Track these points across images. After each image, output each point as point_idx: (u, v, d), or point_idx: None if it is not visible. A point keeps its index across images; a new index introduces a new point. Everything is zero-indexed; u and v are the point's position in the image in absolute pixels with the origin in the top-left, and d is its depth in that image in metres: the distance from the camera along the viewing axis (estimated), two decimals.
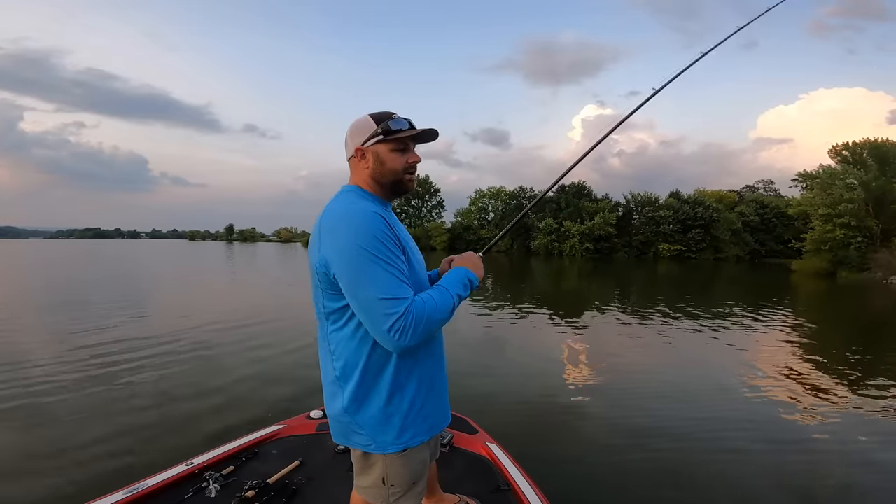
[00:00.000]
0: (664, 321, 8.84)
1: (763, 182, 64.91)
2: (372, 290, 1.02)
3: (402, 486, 1.21)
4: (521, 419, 3.76)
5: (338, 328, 1.15)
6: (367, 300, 1.03)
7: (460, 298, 1.16)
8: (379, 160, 1.18)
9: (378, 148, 1.18)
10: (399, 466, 1.20)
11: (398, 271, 1.06)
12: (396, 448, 1.17)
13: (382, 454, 1.18)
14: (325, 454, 2.15)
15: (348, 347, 1.14)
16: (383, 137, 1.16)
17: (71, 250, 48.75)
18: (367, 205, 1.12)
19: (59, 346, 5.93)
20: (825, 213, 25.62)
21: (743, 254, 47.39)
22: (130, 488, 1.72)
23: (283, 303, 10.92)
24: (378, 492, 1.22)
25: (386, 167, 1.18)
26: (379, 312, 1.02)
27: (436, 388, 1.25)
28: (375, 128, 1.16)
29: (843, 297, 16.24)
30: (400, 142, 1.18)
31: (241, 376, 4.74)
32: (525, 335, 7.58)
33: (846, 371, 5.56)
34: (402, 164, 1.19)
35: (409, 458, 1.20)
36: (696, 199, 47.58)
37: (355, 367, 1.14)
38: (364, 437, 1.17)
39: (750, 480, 2.85)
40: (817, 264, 25.64)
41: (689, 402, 4.32)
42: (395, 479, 1.20)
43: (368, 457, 1.21)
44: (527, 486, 1.87)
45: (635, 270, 27.41)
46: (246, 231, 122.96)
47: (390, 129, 1.16)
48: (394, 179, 1.20)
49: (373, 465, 1.21)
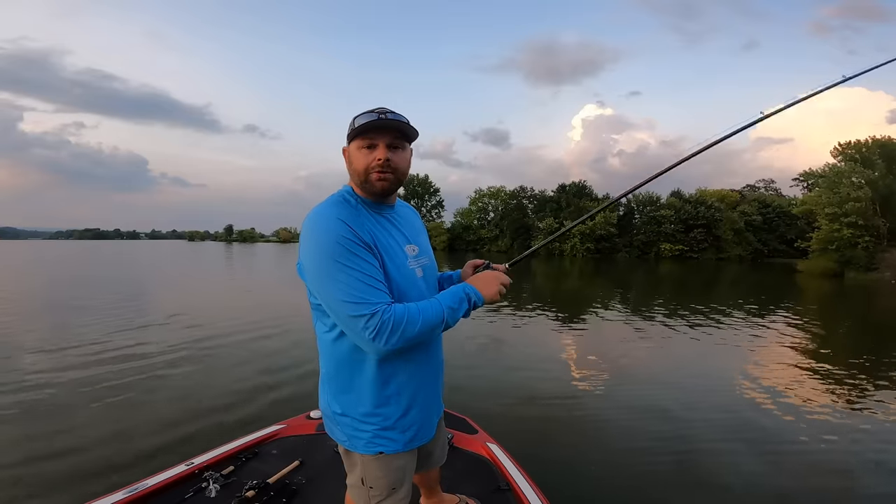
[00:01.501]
0: (666, 322, 8.69)
1: (764, 181, 64.83)
2: (335, 294, 1.03)
3: (381, 490, 1.21)
4: (521, 419, 3.72)
5: (321, 326, 1.19)
6: (331, 303, 1.06)
7: (453, 311, 1.12)
8: (349, 160, 1.16)
9: (350, 147, 1.15)
10: (375, 469, 1.20)
11: (363, 275, 1.04)
12: (370, 450, 1.17)
13: (359, 455, 1.20)
14: (325, 454, 2.14)
15: (328, 345, 1.18)
16: (353, 136, 1.13)
17: (69, 251, 48.76)
18: (336, 210, 1.10)
19: (59, 347, 5.87)
20: (832, 212, 25.24)
21: (745, 254, 47.03)
22: (130, 488, 1.71)
23: (283, 303, 10.86)
24: (359, 492, 1.23)
25: (352, 167, 1.15)
26: (344, 315, 1.03)
27: (420, 400, 1.21)
28: (351, 128, 1.13)
29: (850, 297, 15.95)
30: (366, 139, 1.12)
31: (241, 376, 4.71)
32: (525, 335, 7.50)
33: (855, 373, 5.40)
34: (365, 163, 1.12)
35: (385, 462, 1.19)
36: (698, 199, 47.23)
37: (335, 364, 1.17)
38: (341, 433, 1.20)
39: (752, 481, 2.83)
40: (824, 264, 25.26)
41: (690, 403, 4.27)
42: (372, 481, 1.20)
43: (350, 454, 1.23)
44: (527, 486, 1.86)
45: (637, 271, 27.22)
46: (245, 231, 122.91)
47: (354, 126, 1.11)
48: (361, 179, 1.14)
49: (354, 464, 1.23)
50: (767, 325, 8.61)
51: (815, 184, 28.89)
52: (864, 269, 23.76)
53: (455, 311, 1.13)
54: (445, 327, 1.12)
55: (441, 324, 1.10)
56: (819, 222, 26.73)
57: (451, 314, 1.12)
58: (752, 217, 48.28)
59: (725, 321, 8.88)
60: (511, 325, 8.14)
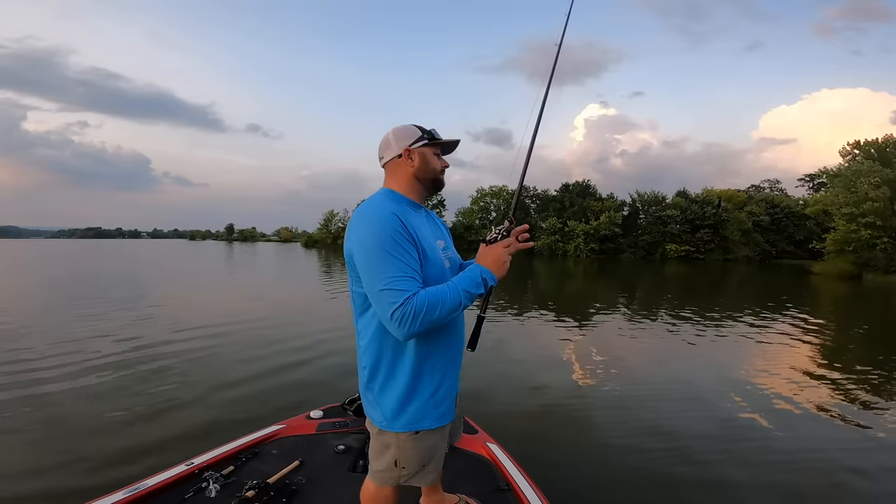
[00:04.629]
0: (672, 324, 8.45)
1: (769, 182, 63.73)
2: (377, 282, 1.16)
3: (412, 468, 1.33)
4: (521, 419, 3.69)
5: (362, 311, 1.30)
6: (373, 290, 1.17)
7: (469, 294, 1.23)
8: (424, 160, 1.35)
9: (423, 150, 1.35)
10: (410, 448, 1.31)
11: (406, 266, 1.17)
12: (408, 428, 1.28)
13: (395, 435, 1.29)
14: (325, 454, 2.14)
15: (369, 330, 1.28)
16: (427, 141, 1.35)
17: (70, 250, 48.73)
18: (389, 205, 1.25)
19: (59, 346, 5.82)
20: (849, 212, 24.18)
21: (753, 254, 45.85)
22: (130, 488, 1.71)
23: (283, 302, 10.72)
24: (389, 475, 1.33)
25: (429, 166, 1.36)
26: (383, 302, 1.15)
27: (448, 377, 1.34)
28: (420, 133, 1.35)
29: (869, 300, 15.26)
30: (437, 147, 1.39)
31: (242, 376, 4.67)
32: (526, 335, 7.41)
33: (873, 378, 5.14)
34: (440, 165, 1.39)
35: (421, 440, 1.31)
36: (705, 199, 46.12)
37: (375, 348, 1.28)
38: (380, 414, 1.30)
39: (755, 484, 2.77)
40: (840, 266, 24.21)
41: (692, 404, 4.18)
42: (406, 461, 1.32)
43: (383, 436, 1.32)
44: (527, 486, 1.86)
45: (642, 271, 26.55)
46: (246, 231, 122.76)
47: (434, 136, 1.36)
48: (433, 177, 1.38)
49: (388, 446, 1.32)
50: (781, 328, 8.23)
51: (832, 183, 27.81)
52: (883, 270, 22.83)
53: (471, 295, 1.23)
54: (463, 308, 1.23)
55: (459, 307, 1.20)
56: (835, 222, 25.73)
57: (468, 297, 1.22)
58: (760, 217, 47.09)
59: (737, 324, 8.53)
60: (512, 326, 7.98)
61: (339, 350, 5.74)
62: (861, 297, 15.94)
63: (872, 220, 23.52)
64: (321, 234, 71.00)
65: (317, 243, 69.07)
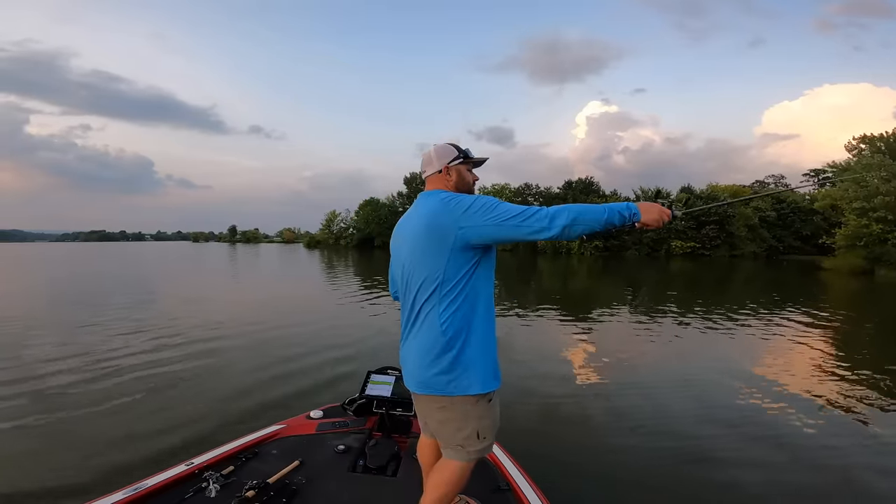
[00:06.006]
0: (676, 322, 8.30)
1: (773, 177, 63.11)
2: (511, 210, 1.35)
3: (490, 436, 1.48)
4: (521, 419, 3.63)
5: (448, 291, 1.41)
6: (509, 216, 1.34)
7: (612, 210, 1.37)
8: (460, 175, 1.56)
9: (459, 167, 1.57)
10: (490, 416, 1.45)
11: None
12: (487, 388, 1.41)
13: (475, 403, 1.41)
14: (325, 454, 2.14)
15: (452, 308, 1.40)
16: (463, 160, 1.57)
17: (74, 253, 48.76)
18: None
19: (60, 347, 5.81)
20: (859, 206, 23.69)
21: (760, 250, 45.38)
22: (130, 488, 1.72)
23: (283, 302, 10.66)
24: (475, 448, 1.45)
25: (464, 180, 1.58)
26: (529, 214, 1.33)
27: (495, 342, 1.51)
28: (457, 153, 1.56)
29: (881, 296, 14.91)
30: (471, 164, 1.61)
31: (242, 376, 4.65)
32: (529, 333, 7.33)
33: (887, 376, 4.97)
34: (472, 179, 1.62)
35: (494, 404, 1.47)
36: (710, 194, 45.59)
37: (456, 321, 1.40)
38: (465, 381, 1.40)
39: (760, 484, 2.69)
40: (852, 261, 23.79)
41: (694, 404, 4.05)
42: (486, 430, 1.46)
43: (463, 405, 1.42)
44: (527, 486, 1.87)
45: (647, 268, 26.20)
46: (249, 232, 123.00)
47: (468, 155, 1.58)
48: (468, 190, 1.58)
49: (467, 419, 1.43)
50: (792, 325, 8.02)
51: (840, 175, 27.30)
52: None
53: (613, 212, 1.37)
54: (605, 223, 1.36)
55: (602, 215, 1.35)
56: (846, 217, 25.27)
57: (611, 212, 1.36)
58: (767, 213, 46.57)
59: (745, 321, 8.33)
60: (514, 324, 7.86)
61: (340, 350, 5.60)
62: (874, 293, 15.58)
63: (884, 215, 23.10)
64: (323, 234, 70.95)
65: (319, 244, 69.01)
